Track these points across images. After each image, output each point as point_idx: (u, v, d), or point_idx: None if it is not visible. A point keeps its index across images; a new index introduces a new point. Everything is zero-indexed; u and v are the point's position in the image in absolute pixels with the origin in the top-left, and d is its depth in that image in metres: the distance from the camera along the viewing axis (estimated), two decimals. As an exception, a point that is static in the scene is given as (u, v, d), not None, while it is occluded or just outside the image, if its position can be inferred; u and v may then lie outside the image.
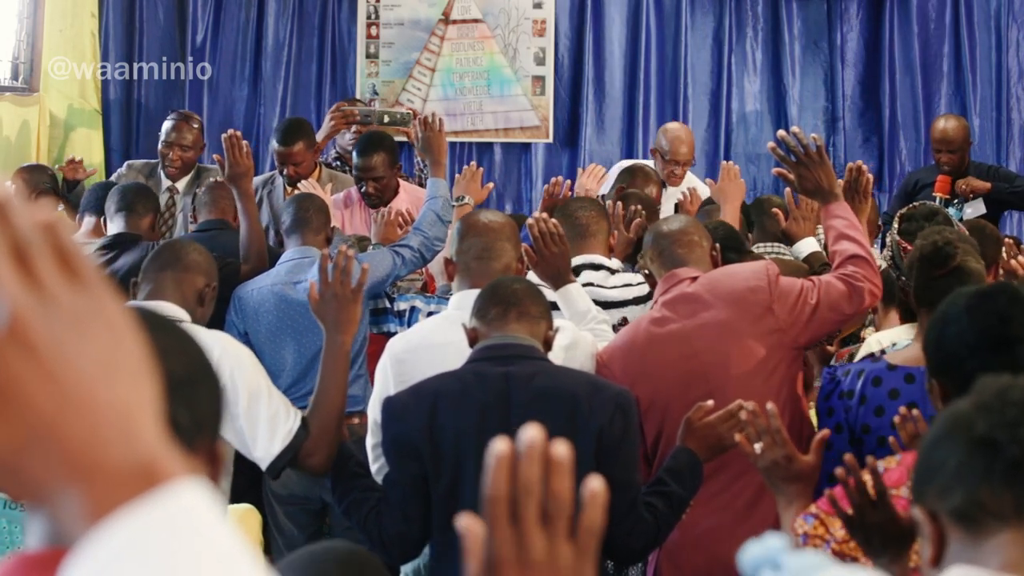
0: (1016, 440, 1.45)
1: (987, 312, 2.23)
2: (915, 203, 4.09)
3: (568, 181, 5.28)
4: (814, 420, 3.75)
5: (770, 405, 2.65)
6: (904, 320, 3.64)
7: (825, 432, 2.64)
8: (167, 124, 6.00)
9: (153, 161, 6.06)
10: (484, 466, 0.97)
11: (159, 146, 5.95)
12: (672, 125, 6.15)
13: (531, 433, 0.95)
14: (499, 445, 0.95)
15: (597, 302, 3.87)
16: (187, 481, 0.74)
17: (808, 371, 4.02)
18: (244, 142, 4.65)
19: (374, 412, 3.18)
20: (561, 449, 0.95)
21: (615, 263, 4.16)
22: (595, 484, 0.96)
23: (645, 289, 3.93)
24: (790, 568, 1.33)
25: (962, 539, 1.45)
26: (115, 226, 4.64)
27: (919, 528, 1.50)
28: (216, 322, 4.02)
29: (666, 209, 5.38)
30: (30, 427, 0.72)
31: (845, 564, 1.38)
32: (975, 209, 6.02)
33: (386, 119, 6.19)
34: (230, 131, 4.71)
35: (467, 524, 0.97)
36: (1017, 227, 7.28)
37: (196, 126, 6.02)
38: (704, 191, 5.55)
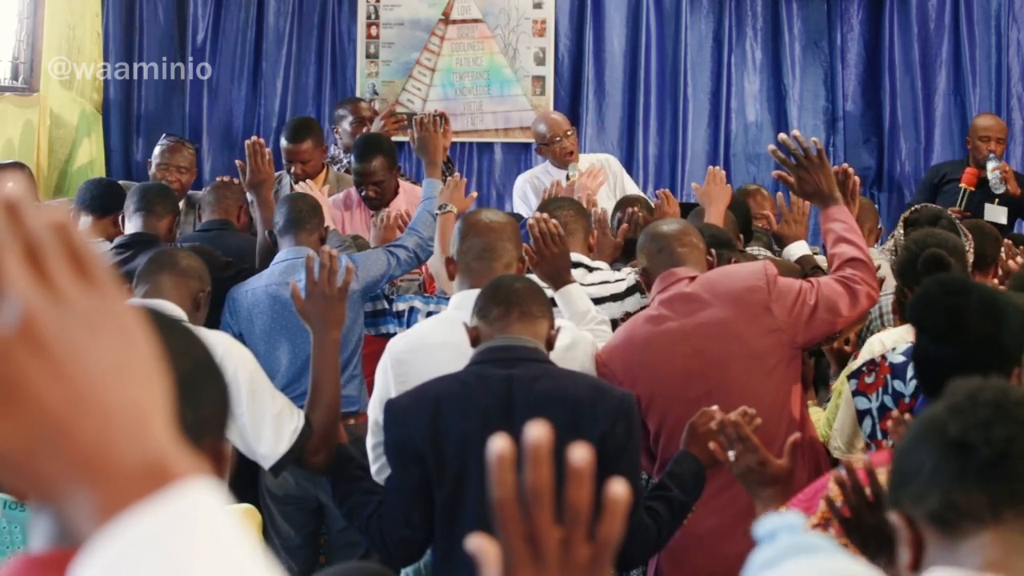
0: (989, 441, 1.45)
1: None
2: (916, 207, 4.10)
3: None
4: (816, 418, 3.76)
5: (734, 414, 2.70)
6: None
7: (797, 435, 2.64)
8: (160, 146, 5.82)
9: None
10: (487, 470, 0.95)
11: (153, 169, 5.79)
12: (541, 112, 6.70)
13: (535, 433, 0.92)
14: (498, 444, 0.92)
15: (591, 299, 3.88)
16: (197, 480, 0.75)
17: (807, 373, 4.03)
18: (267, 150, 4.65)
19: (375, 412, 3.18)
20: (580, 455, 0.92)
21: (600, 263, 4.19)
22: (618, 490, 0.93)
23: (622, 286, 3.97)
24: (780, 544, 1.32)
25: (939, 542, 1.45)
26: (132, 225, 4.56)
27: (896, 533, 1.50)
28: (211, 323, 4.02)
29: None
30: (41, 426, 0.73)
31: (847, 553, 1.37)
32: (996, 215, 6.03)
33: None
34: (253, 138, 4.72)
35: (479, 545, 0.94)
36: (1017, 227, 7.28)
37: (191, 150, 5.88)
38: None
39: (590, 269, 4.06)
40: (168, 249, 3.64)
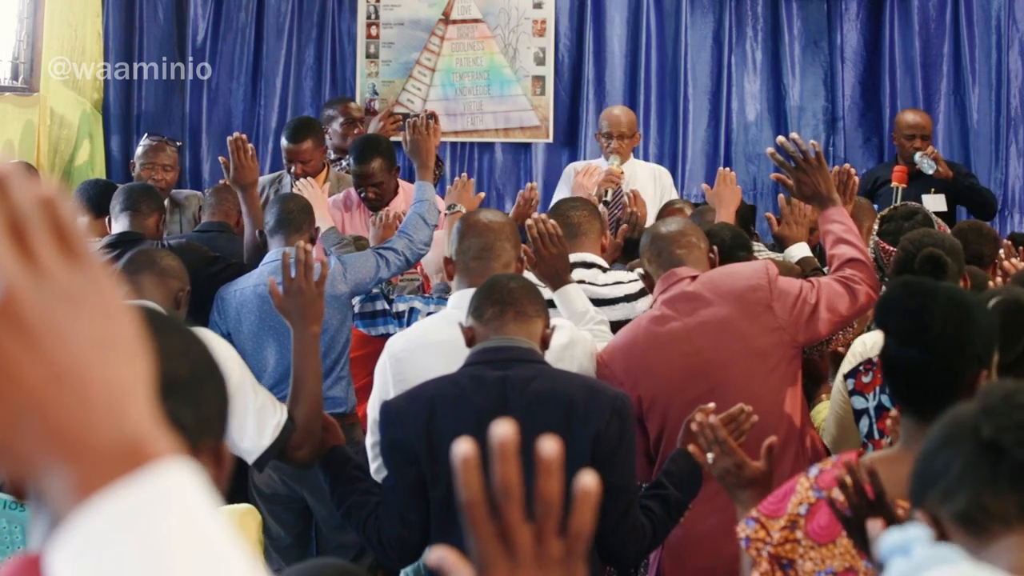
0: (1023, 443, 1.44)
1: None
2: (896, 204, 4.11)
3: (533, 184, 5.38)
4: (817, 418, 3.76)
5: (713, 418, 2.71)
6: None
7: (773, 439, 2.65)
8: (142, 146, 5.85)
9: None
10: (488, 469, 0.95)
11: (137, 170, 5.80)
12: (620, 107, 6.69)
13: (500, 431, 0.92)
14: (462, 447, 0.93)
15: (588, 300, 3.88)
16: (174, 461, 0.75)
17: (823, 367, 4.03)
18: (250, 145, 4.66)
19: (374, 411, 3.18)
20: (549, 447, 0.93)
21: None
22: (587, 482, 0.93)
23: (636, 287, 3.96)
24: (917, 557, 1.33)
25: (966, 543, 1.44)
26: (119, 225, 4.61)
27: None
28: (200, 322, 4.03)
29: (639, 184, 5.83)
30: (19, 404, 0.72)
31: (976, 563, 1.37)
32: (936, 204, 6.04)
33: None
34: (235, 134, 4.72)
35: (442, 557, 0.94)
36: (1017, 227, 7.28)
37: (174, 148, 5.90)
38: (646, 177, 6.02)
39: (604, 269, 4.06)
40: (147, 248, 3.65)
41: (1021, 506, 1.43)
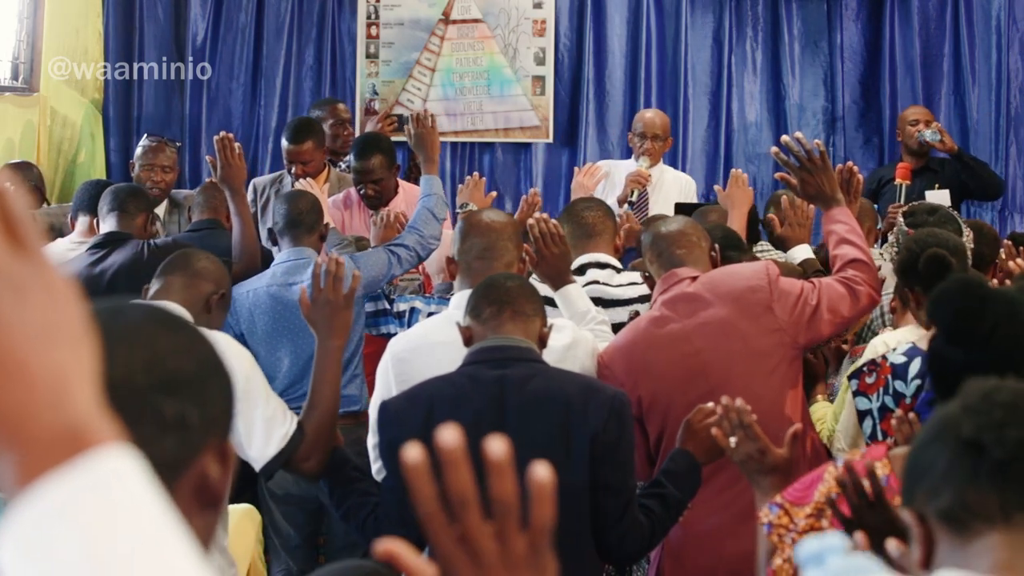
0: (1002, 441, 1.45)
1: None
2: (916, 202, 4.11)
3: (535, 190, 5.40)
4: (823, 414, 3.76)
5: (739, 401, 2.71)
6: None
7: (798, 426, 2.66)
8: (141, 147, 5.88)
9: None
10: (482, 471, 0.95)
11: (136, 170, 5.83)
12: (654, 110, 6.74)
13: (447, 437, 0.93)
14: (409, 453, 0.92)
15: (602, 300, 3.88)
16: (116, 447, 0.75)
17: (818, 367, 4.03)
18: (236, 144, 4.67)
19: (375, 412, 3.18)
20: (497, 448, 0.93)
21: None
22: (541, 474, 0.93)
23: None
24: (831, 568, 1.33)
25: (950, 541, 1.45)
26: (107, 225, 4.66)
27: (909, 530, 1.50)
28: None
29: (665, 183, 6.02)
30: None
31: (891, 571, 1.38)
32: (940, 199, 6.04)
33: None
34: (222, 133, 4.74)
35: (394, 552, 0.93)
36: (1018, 227, 7.27)
37: (173, 149, 5.92)
38: (677, 180, 6.15)
39: (618, 270, 4.06)
40: (187, 250, 3.65)
41: (1002, 504, 1.43)
